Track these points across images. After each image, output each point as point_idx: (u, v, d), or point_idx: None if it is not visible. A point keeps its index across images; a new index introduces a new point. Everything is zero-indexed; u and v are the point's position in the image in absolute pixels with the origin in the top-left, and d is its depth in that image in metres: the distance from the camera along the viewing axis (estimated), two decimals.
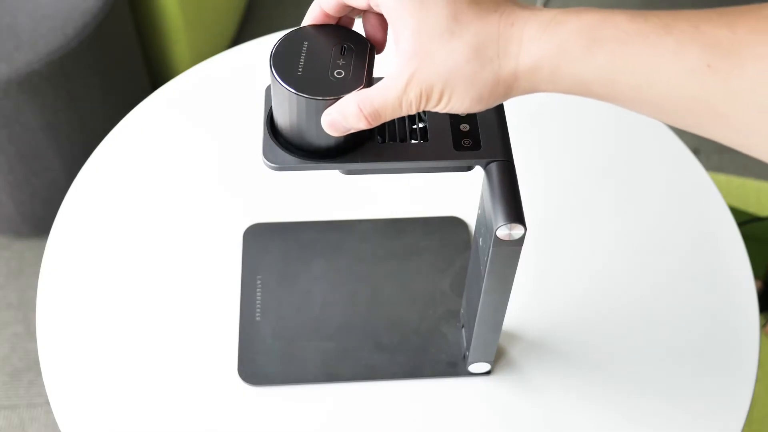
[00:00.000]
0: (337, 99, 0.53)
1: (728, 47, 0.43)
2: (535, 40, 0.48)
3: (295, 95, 0.53)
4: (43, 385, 1.38)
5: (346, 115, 0.53)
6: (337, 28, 0.56)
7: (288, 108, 0.54)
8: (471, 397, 0.77)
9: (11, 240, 1.57)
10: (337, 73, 0.54)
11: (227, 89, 0.99)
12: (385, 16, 0.51)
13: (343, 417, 0.76)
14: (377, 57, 0.56)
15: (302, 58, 0.54)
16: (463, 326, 0.78)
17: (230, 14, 1.79)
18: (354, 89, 0.53)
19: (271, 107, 0.58)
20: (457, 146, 0.57)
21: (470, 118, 0.58)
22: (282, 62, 0.54)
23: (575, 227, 0.88)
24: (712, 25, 0.44)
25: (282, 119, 0.56)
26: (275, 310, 0.81)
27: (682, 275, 0.85)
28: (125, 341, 0.80)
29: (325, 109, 0.53)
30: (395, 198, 0.90)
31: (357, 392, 0.77)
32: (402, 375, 0.78)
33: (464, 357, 0.77)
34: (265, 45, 1.01)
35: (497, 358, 0.79)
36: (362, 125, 0.53)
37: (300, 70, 0.54)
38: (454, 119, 0.58)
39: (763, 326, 1.05)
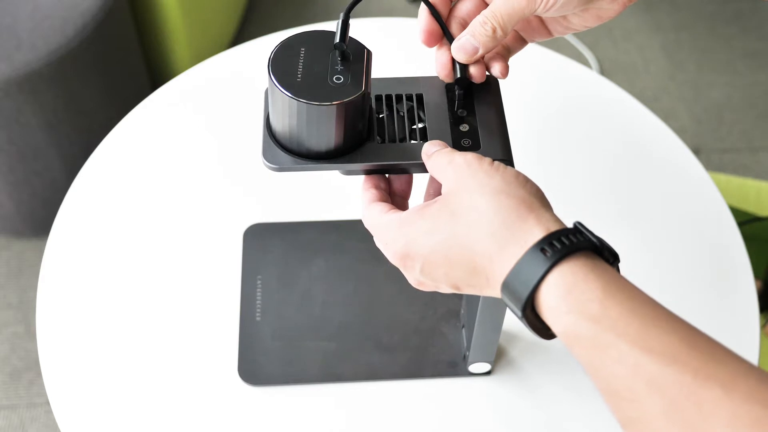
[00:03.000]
0: (338, 104, 0.53)
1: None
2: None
3: (296, 101, 0.53)
4: (43, 385, 1.38)
5: None
6: (333, 34, 0.56)
7: (288, 114, 0.54)
8: (471, 397, 0.77)
9: (11, 240, 1.57)
10: (336, 79, 0.54)
11: (227, 89, 0.99)
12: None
13: (344, 417, 0.76)
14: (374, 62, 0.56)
15: (300, 64, 0.54)
16: (463, 326, 0.78)
17: (230, 14, 1.79)
18: (354, 94, 0.53)
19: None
20: (457, 146, 0.57)
21: (470, 118, 0.58)
22: (280, 69, 0.54)
23: None
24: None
25: (281, 125, 0.55)
26: (275, 310, 0.81)
27: (682, 275, 0.85)
28: (125, 341, 0.80)
29: (327, 114, 0.53)
30: None
31: (357, 392, 0.77)
32: (402, 375, 0.78)
33: (464, 357, 0.77)
34: (265, 45, 1.01)
35: (497, 358, 0.79)
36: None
37: (299, 76, 0.54)
38: (454, 119, 0.58)
39: (763, 326, 1.05)
